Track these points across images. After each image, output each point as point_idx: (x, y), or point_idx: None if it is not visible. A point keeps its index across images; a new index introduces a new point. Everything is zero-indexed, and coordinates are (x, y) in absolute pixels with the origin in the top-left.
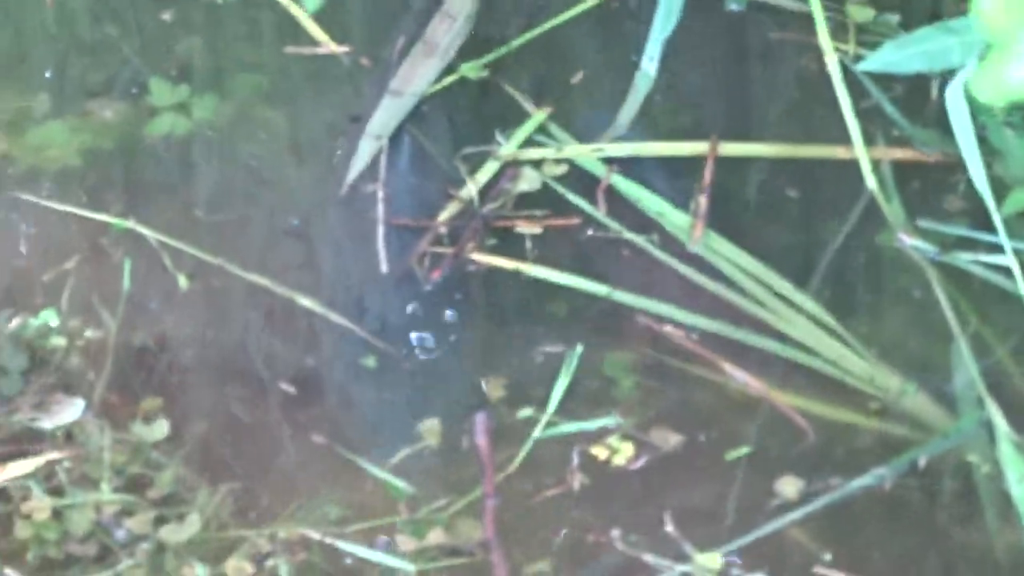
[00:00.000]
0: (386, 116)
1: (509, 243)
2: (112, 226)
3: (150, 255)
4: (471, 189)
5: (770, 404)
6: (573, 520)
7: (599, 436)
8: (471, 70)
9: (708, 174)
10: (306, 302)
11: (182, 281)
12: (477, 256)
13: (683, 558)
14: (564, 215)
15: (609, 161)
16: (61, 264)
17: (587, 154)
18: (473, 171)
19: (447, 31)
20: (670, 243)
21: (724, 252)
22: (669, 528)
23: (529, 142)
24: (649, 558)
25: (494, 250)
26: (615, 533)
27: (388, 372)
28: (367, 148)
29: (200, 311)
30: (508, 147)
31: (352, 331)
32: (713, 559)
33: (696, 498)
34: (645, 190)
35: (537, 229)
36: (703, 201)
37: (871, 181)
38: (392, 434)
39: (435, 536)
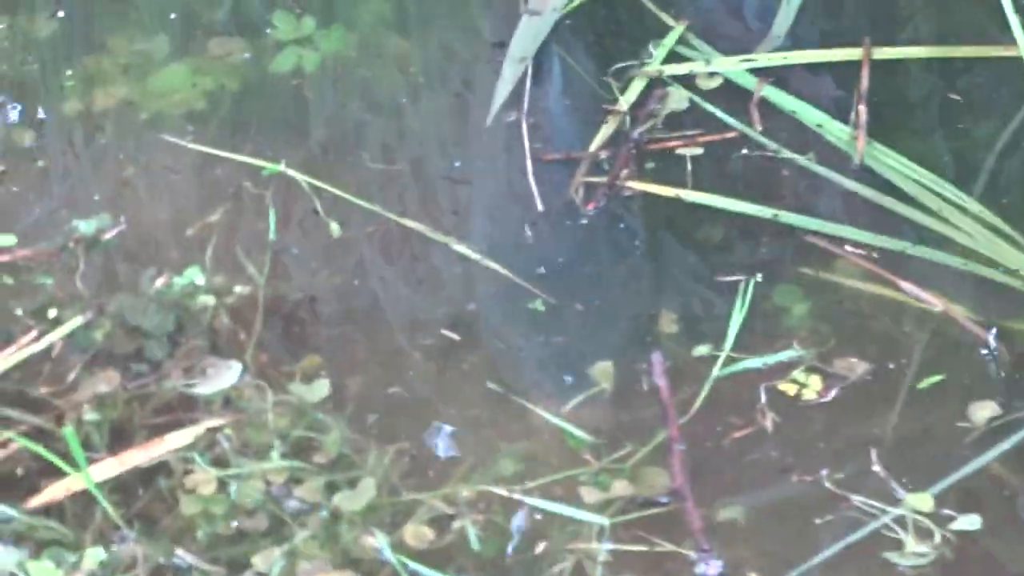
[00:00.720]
0: (527, 37)
1: (664, 167)
2: (262, 170)
3: (297, 202)
4: (622, 110)
5: (955, 323)
6: (770, 461)
7: (782, 371)
8: None
9: (865, 80)
10: (462, 248)
11: (334, 228)
12: (633, 184)
13: (890, 498)
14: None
15: (759, 73)
16: (204, 216)
17: (736, 66)
18: (620, 91)
19: None
20: (830, 157)
21: (890, 163)
22: (876, 467)
23: (674, 58)
24: (858, 500)
25: (651, 176)
26: (823, 472)
27: (554, 315)
28: (511, 72)
29: (353, 260)
30: (653, 63)
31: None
32: (925, 500)
33: (894, 431)
34: (800, 102)
35: (698, 150)
36: (862, 110)
37: None
38: (563, 380)
39: (621, 487)
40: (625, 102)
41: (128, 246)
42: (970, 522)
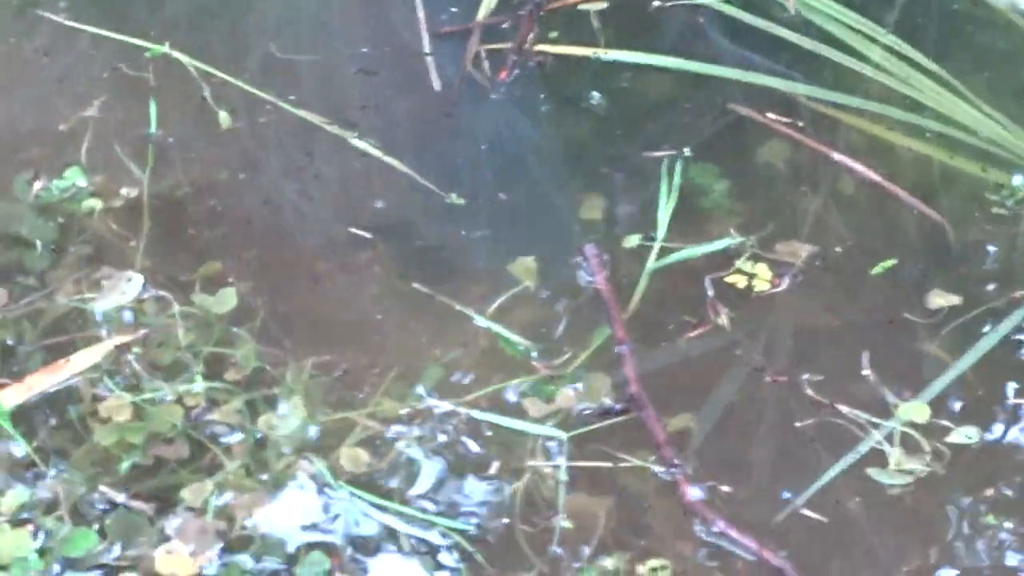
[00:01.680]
0: None
1: (569, 30)
2: (146, 52)
3: (183, 90)
4: None
5: (895, 198)
6: (733, 361)
7: (723, 260)
8: None
9: None
10: (360, 143)
11: (224, 118)
12: (544, 47)
13: (878, 408)
14: None
15: None
16: (79, 108)
17: None
18: None
19: None
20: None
21: (824, 9)
22: (866, 372)
23: None
24: (845, 409)
25: (557, 41)
26: (804, 378)
27: (473, 208)
28: None
29: (245, 154)
30: None
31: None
32: (921, 410)
33: (858, 323)
34: None
35: (602, 3)
36: None
37: None
38: (484, 278)
39: (566, 397)
40: None
41: None
42: (967, 434)
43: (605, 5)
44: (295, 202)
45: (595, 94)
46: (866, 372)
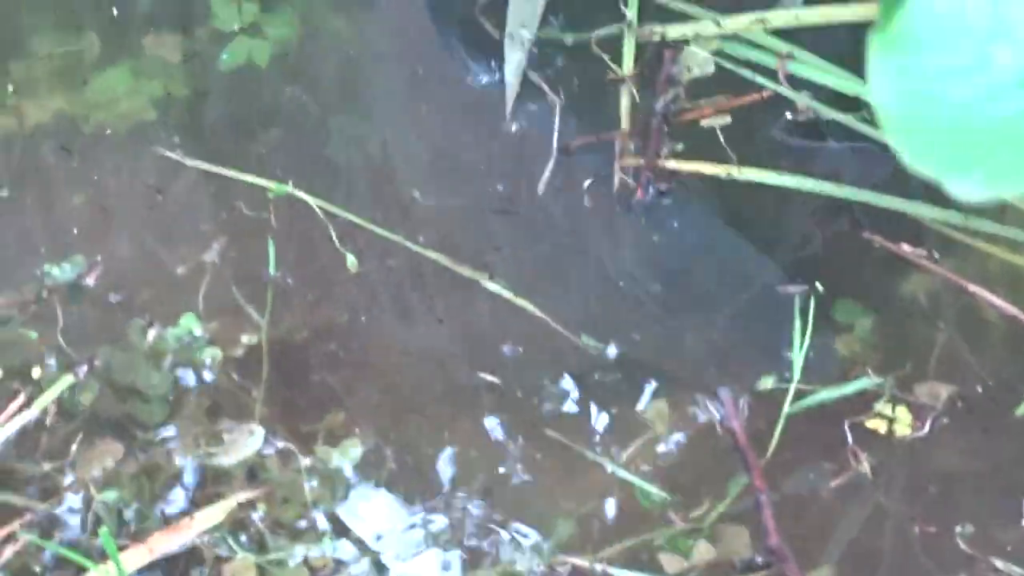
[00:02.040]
0: (524, 8)
1: (695, 145)
2: (269, 191)
3: (305, 231)
4: (625, 77)
5: None
6: (877, 511)
7: (860, 402)
8: None
9: None
10: (491, 286)
11: (351, 262)
12: (675, 164)
13: None
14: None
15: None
16: (197, 250)
17: (750, 26)
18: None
19: None
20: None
21: None
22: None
23: (662, 16)
24: (1000, 564)
25: (686, 155)
26: (955, 529)
27: (598, 352)
28: (515, 55)
29: (369, 297)
30: (669, 28)
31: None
32: None
33: (1007, 468)
34: (835, 66)
35: (726, 119)
36: None
37: None
38: (616, 424)
39: (703, 550)
40: (626, 68)
41: (110, 290)
42: None
43: (728, 120)
44: (420, 346)
45: (723, 220)
46: None
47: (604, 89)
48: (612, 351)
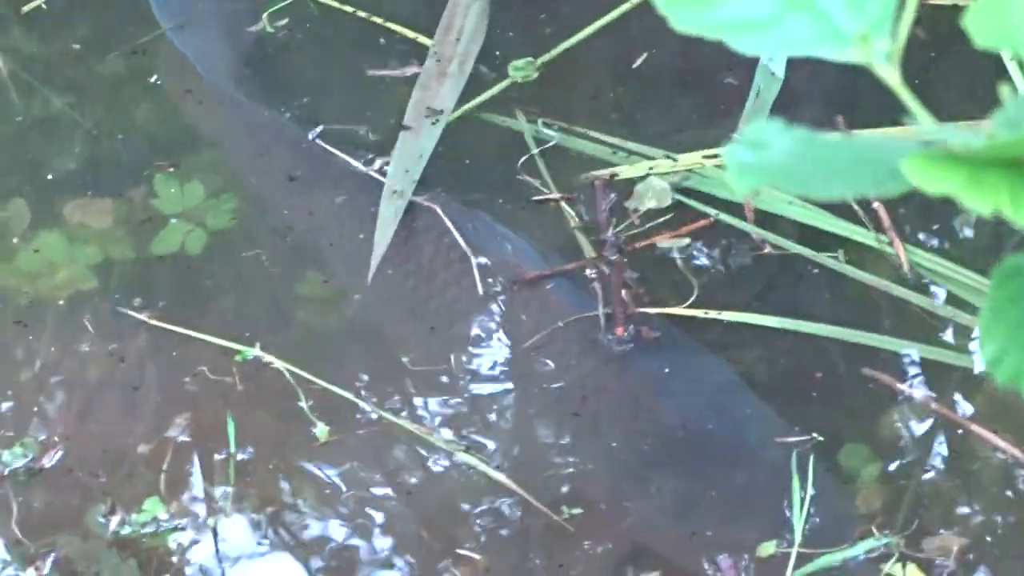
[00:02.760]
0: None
1: (654, 275)
2: (237, 355)
3: (274, 398)
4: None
5: None
6: None
7: (869, 565)
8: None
9: None
10: (466, 457)
11: (321, 431)
12: (652, 310)
13: None
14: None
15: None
16: (159, 424)
17: (702, 162)
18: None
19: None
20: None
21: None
22: None
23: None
24: None
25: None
26: None
27: (580, 523)
28: (389, 211)
29: (337, 468)
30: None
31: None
32: None
33: None
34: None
35: (684, 240)
36: (879, 207)
37: None
38: None
39: None
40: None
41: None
42: None
43: (687, 242)
44: (387, 523)
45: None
46: None
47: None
48: (594, 519)
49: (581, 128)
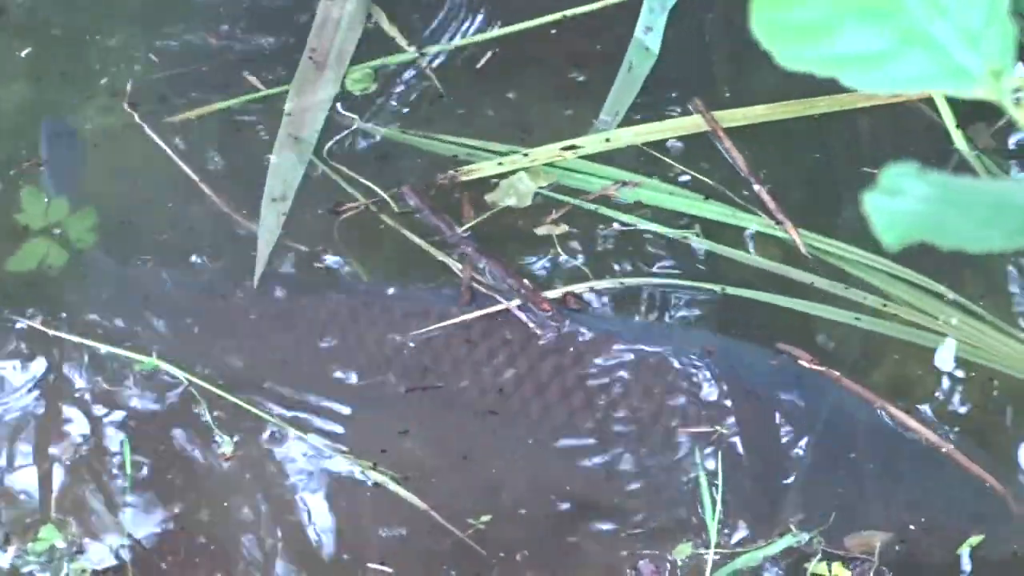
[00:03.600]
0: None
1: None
2: (141, 365)
3: (177, 411)
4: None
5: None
6: None
7: (793, 563)
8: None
9: (736, 155)
10: (377, 475)
11: (227, 445)
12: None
13: None
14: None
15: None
16: (52, 443)
17: (560, 156)
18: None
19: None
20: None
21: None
22: None
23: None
24: None
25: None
26: None
27: (489, 534)
28: (271, 218)
29: (242, 486)
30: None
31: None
32: None
33: None
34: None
35: (563, 227)
36: (761, 190)
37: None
38: None
39: None
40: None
41: None
42: None
43: (566, 228)
44: (293, 537)
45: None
46: None
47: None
48: (503, 530)
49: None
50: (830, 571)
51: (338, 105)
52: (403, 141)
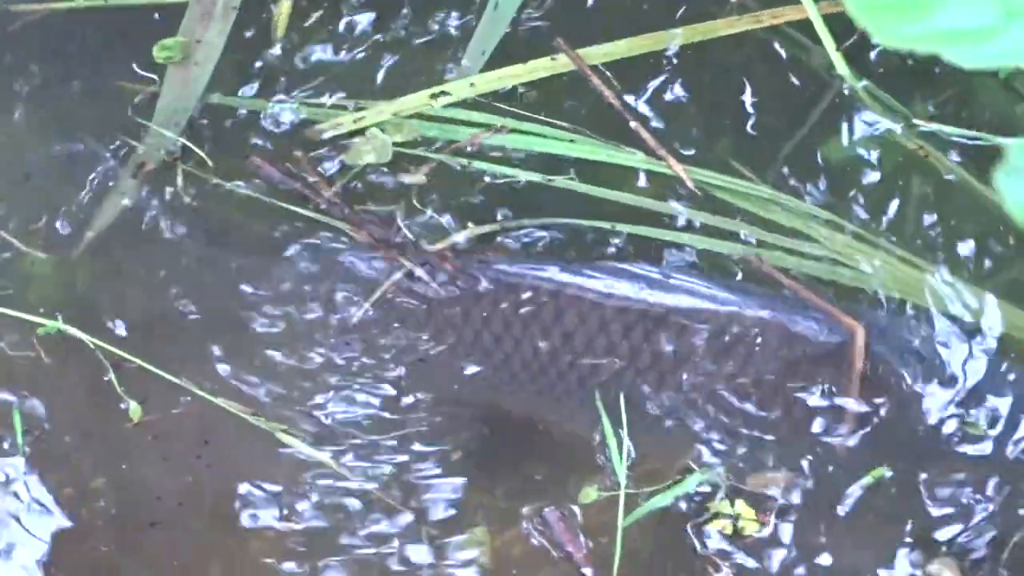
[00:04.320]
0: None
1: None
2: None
3: (83, 375)
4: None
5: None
6: None
7: (698, 504)
8: None
9: (607, 92)
10: (288, 438)
11: (134, 410)
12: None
13: None
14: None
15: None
16: None
17: (428, 103)
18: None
19: None
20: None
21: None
22: None
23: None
24: None
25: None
26: None
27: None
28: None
29: (146, 450)
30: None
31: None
32: None
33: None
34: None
35: (421, 177)
36: (637, 127)
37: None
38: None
39: None
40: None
41: None
42: None
43: (423, 179)
44: (197, 497)
45: None
46: None
47: None
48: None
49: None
50: (734, 508)
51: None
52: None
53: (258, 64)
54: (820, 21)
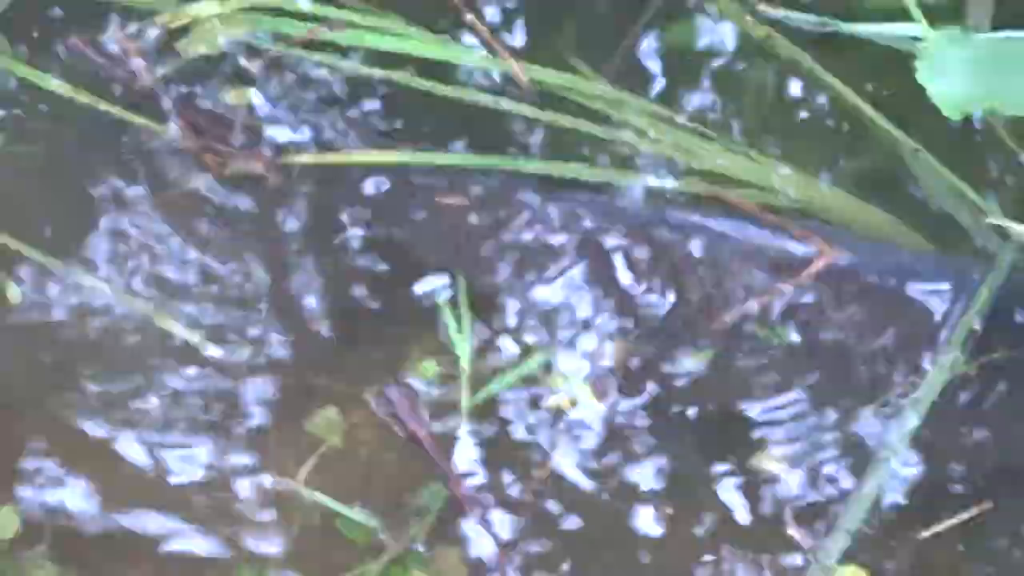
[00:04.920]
0: None
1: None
2: None
3: None
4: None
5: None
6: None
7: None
8: None
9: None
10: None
11: (13, 292)
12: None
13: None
14: None
15: None
16: None
17: None
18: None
19: None
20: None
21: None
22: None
23: None
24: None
25: None
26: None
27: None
28: None
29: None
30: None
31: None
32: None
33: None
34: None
35: (249, 90)
36: (473, 19)
37: None
38: (283, 441)
39: None
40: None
41: None
42: None
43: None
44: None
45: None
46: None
47: None
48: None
49: None
50: (564, 384)
51: None
52: None
53: None
54: None
